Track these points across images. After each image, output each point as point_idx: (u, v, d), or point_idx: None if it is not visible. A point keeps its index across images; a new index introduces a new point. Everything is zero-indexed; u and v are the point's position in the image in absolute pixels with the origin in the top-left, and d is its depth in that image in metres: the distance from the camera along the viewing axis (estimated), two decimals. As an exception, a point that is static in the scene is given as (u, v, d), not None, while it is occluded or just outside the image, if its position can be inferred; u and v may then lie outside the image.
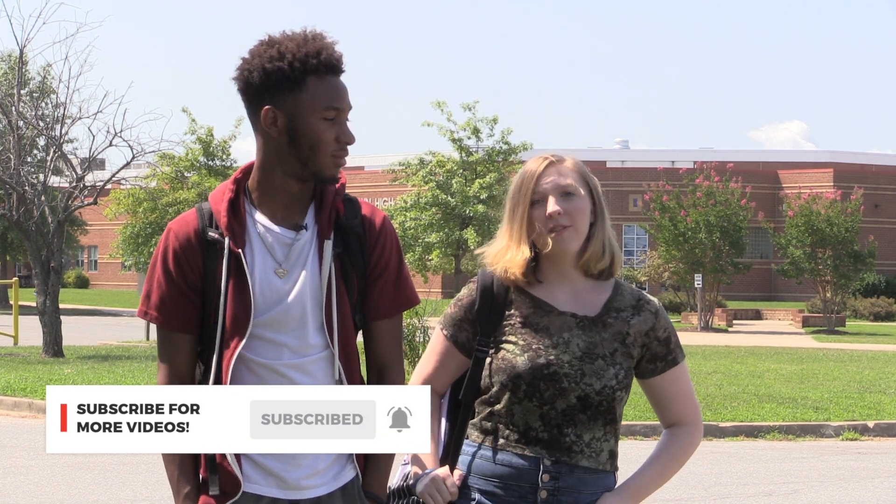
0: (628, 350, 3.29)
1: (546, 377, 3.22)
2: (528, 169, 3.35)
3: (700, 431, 3.41)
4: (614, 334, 3.29)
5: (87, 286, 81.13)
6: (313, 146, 3.12)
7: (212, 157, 45.81)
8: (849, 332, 38.63)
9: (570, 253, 3.29)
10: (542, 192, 3.29)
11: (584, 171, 3.35)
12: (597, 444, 3.26)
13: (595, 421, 3.25)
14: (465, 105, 39.47)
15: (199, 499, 3.17)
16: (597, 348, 3.26)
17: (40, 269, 21.99)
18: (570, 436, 3.23)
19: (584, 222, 3.29)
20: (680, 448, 3.36)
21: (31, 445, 12.23)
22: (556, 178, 3.30)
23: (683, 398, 3.37)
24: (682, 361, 3.38)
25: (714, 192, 39.70)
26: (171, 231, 3.22)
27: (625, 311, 3.33)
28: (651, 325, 3.33)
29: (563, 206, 3.27)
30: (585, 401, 3.22)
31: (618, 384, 3.25)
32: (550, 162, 3.33)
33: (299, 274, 3.17)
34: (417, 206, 39.45)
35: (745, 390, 17.21)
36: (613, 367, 3.25)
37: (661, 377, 3.35)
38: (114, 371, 18.79)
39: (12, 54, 40.08)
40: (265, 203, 3.21)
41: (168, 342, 3.21)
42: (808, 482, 10.69)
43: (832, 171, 65.86)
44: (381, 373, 3.29)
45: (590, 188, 3.33)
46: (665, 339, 3.34)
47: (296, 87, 3.11)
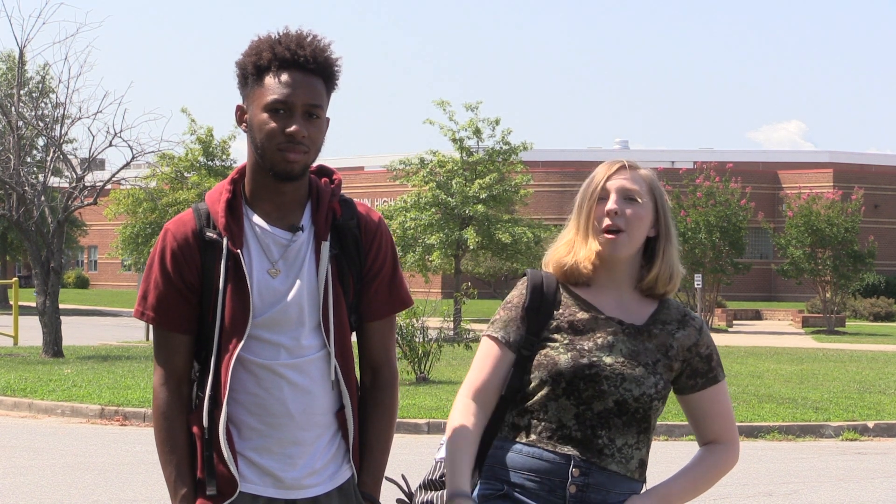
0: (670, 363, 3.31)
1: (587, 377, 3.22)
2: (601, 168, 3.37)
3: (737, 452, 3.39)
4: (658, 346, 3.30)
5: (87, 286, 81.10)
6: (262, 140, 3.13)
7: (211, 158, 45.81)
8: (849, 333, 38.65)
9: (620, 259, 3.30)
10: (607, 191, 3.31)
11: (655, 185, 3.35)
12: (628, 451, 3.26)
13: (629, 427, 3.25)
14: (468, 105, 39.44)
15: (196, 500, 3.17)
16: (640, 356, 3.27)
17: (40, 269, 21.99)
18: (603, 438, 3.24)
19: (640, 231, 3.29)
20: (714, 464, 3.35)
21: (31, 445, 12.23)
22: (624, 180, 3.31)
23: (721, 417, 3.37)
24: (723, 380, 3.39)
25: (714, 193, 39.73)
26: (169, 231, 3.22)
27: (670, 325, 3.34)
28: (695, 340, 3.34)
29: (622, 208, 3.28)
30: (623, 405, 3.23)
31: (656, 393, 3.26)
32: (623, 165, 3.35)
33: (297, 275, 3.17)
34: (417, 206, 39.41)
35: (745, 390, 17.22)
36: (654, 377, 3.26)
37: (700, 394, 3.35)
38: (113, 371, 18.80)
39: (12, 54, 40.08)
40: (260, 203, 3.21)
41: (165, 342, 3.21)
42: (808, 482, 10.69)
43: (832, 171, 65.84)
44: (375, 373, 3.30)
45: (656, 201, 3.33)
46: (707, 356, 3.35)
47: (254, 83, 3.15)
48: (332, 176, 3.30)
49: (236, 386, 3.16)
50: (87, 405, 14.84)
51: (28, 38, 23.60)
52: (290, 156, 3.11)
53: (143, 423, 14.07)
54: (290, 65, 3.12)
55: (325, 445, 3.20)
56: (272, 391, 3.15)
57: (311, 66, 3.13)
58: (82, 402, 15.01)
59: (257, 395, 3.16)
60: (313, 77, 3.14)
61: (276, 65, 3.12)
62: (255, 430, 3.16)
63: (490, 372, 3.29)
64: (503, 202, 39.60)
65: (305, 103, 3.12)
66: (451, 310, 22.10)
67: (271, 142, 3.11)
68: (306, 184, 3.22)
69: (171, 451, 3.18)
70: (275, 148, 3.11)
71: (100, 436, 13.20)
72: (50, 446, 12.24)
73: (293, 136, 3.10)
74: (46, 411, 15.03)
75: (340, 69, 3.21)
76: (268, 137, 3.11)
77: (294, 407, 3.15)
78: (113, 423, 14.27)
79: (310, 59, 3.12)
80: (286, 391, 3.15)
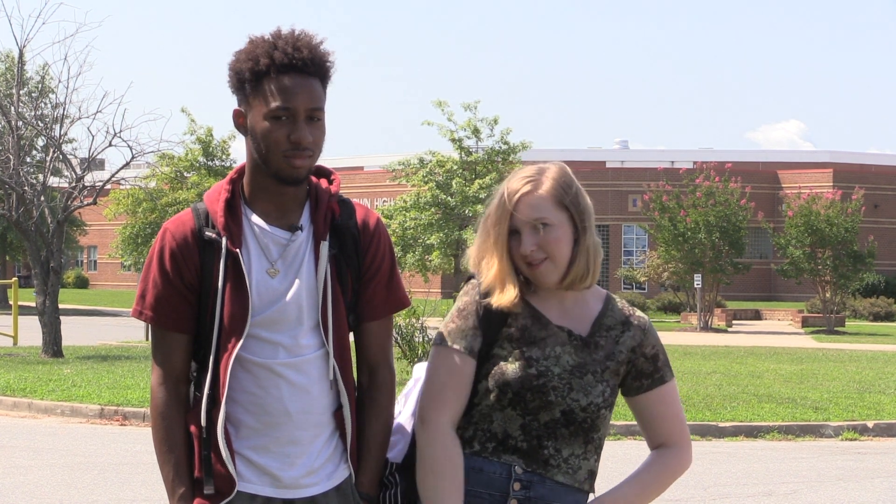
0: (617, 367, 3.25)
1: (534, 388, 3.16)
2: (506, 197, 3.23)
3: (688, 455, 3.31)
4: (606, 354, 3.24)
5: (87, 286, 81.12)
6: (266, 146, 3.12)
7: (211, 158, 45.78)
8: (848, 333, 38.62)
9: (550, 283, 3.22)
10: (515, 226, 3.21)
11: (561, 193, 3.21)
12: (574, 461, 3.20)
13: (576, 437, 3.19)
14: (466, 105, 39.46)
15: (194, 499, 3.17)
16: (587, 365, 3.21)
17: (40, 269, 21.99)
18: (549, 448, 3.17)
19: (562, 251, 3.20)
20: (664, 468, 3.27)
21: (31, 445, 12.23)
22: (528, 211, 3.19)
23: (671, 419, 3.28)
24: (671, 381, 3.30)
25: (714, 193, 39.71)
26: (168, 231, 3.22)
27: (614, 329, 3.27)
28: (639, 341, 3.27)
29: (535, 242, 3.19)
30: (569, 415, 3.17)
31: (603, 402, 3.20)
32: (524, 193, 3.21)
33: (295, 274, 3.17)
34: (417, 206, 39.42)
35: (745, 390, 17.21)
36: (601, 384, 3.20)
37: (646, 395, 3.28)
38: (113, 371, 18.79)
39: (11, 54, 40.06)
40: (258, 203, 3.21)
41: (163, 342, 3.21)
42: (807, 482, 10.68)
43: (832, 171, 65.84)
44: (372, 373, 3.30)
45: (568, 209, 3.22)
46: (652, 357, 3.28)
47: (252, 88, 3.13)
48: (329, 176, 3.30)
49: (235, 385, 3.16)
50: (86, 405, 14.84)
51: (28, 38, 23.61)
52: (296, 162, 3.11)
53: (143, 422, 14.06)
54: (289, 69, 3.11)
55: (323, 445, 3.20)
56: (270, 390, 3.15)
57: (310, 68, 3.13)
58: (82, 402, 15.01)
59: (255, 395, 3.16)
60: (311, 79, 3.13)
61: (275, 70, 3.11)
62: (254, 429, 3.16)
63: (458, 389, 3.18)
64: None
65: (308, 108, 3.11)
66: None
67: (277, 149, 3.11)
68: (305, 184, 3.22)
69: (169, 450, 3.18)
70: (280, 156, 3.11)
71: (99, 436, 13.19)
72: (50, 446, 12.24)
73: (299, 144, 3.10)
74: (46, 411, 15.03)
75: (333, 64, 3.20)
76: (273, 145, 3.11)
77: (292, 406, 3.15)
78: (113, 423, 14.27)
79: (307, 61, 3.12)
80: (284, 390, 3.15)
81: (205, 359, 3.18)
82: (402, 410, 3.35)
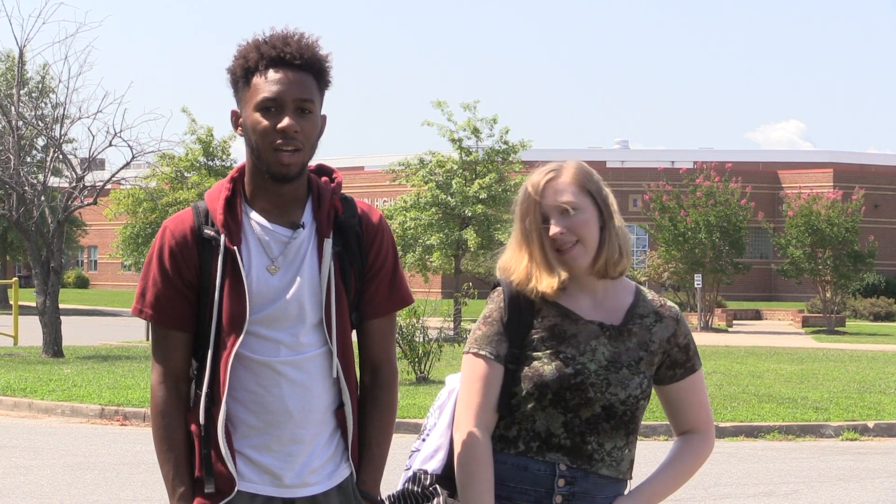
0: (651, 357, 3.30)
1: (573, 387, 3.21)
2: (530, 189, 3.30)
3: (712, 439, 3.40)
4: (639, 343, 3.29)
5: (87, 286, 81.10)
6: (256, 140, 3.13)
7: (212, 158, 45.73)
8: (849, 332, 38.63)
9: (582, 268, 3.27)
10: (545, 213, 3.27)
11: (584, 180, 3.29)
12: (617, 453, 3.26)
13: (618, 430, 3.25)
14: (465, 105, 39.40)
15: (194, 498, 3.16)
16: (622, 357, 3.26)
17: (40, 269, 21.99)
18: (592, 444, 3.23)
19: (591, 234, 3.26)
20: (693, 455, 3.36)
21: (31, 445, 12.22)
22: (555, 195, 3.26)
23: (698, 406, 3.37)
24: (700, 369, 3.39)
25: (714, 193, 39.72)
26: (168, 229, 3.21)
27: (647, 318, 3.32)
28: (672, 331, 3.33)
29: (564, 225, 3.24)
30: (610, 410, 3.23)
31: (641, 393, 3.26)
32: (548, 179, 3.29)
33: (297, 272, 3.16)
34: (417, 206, 39.38)
35: (745, 390, 17.21)
36: (637, 376, 3.25)
37: (678, 384, 3.35)
38: (113, 371, 18.79)
39: (11, 54, 40.05)
40: (259, 201, 3.21)
41: (163, 340, 3.20)
42: (808, 482, 10.68)
43: (832, 171, 65.85)
44: (375, 371, 3.29)
45: (592, 195, 3.29)
46: (685, 346, 3.35)
47: (244, 86, 3.15)
48: (331, 175, 3.30)
49: (235, 383, 3.15)
50: (87, 405, 14.84)
51: (28, 37, 23.54)
52: (285, 158, 3.10)
53: (143, 422, 14.06)
54: (277, 62, 3.12)
55: (324, 443, 3.19)
56: (271, 388, 3.14)
57: (298, 62, 3.13)
58: (82, 402, 15.00)
59: (256, 393, 3.15)
60: (302, 73, 3.13)
61: (264, 64, 3.12)
62: (254, 427, 3.16)
63: (487, 393, 3.24)
64: (503, 202, 39.57)
65: (296, 98, 3.11)
66: (451, 310, 22.10)
67: (265, 140, 3.10)
68: (305, 182, 3.22)
69: (170, 449, 3.17)
70: (270, 147, 3.10)
71: (100, 436, 13.19)
72: (50, 446, 12.23)
73: (286, 132, 3.09)
74: (46, 411, 15.02)
75: (331, 65, 3.19)
76: (261, 136, 3.11)
77: (293, 404, 3.14)
78: (113, 422, 14.26)
79: (296, 55, 3.12)
80: (285, 388, 3.14)
81: (204, 357, 3.17)
82: (437, 423, 3.37)
